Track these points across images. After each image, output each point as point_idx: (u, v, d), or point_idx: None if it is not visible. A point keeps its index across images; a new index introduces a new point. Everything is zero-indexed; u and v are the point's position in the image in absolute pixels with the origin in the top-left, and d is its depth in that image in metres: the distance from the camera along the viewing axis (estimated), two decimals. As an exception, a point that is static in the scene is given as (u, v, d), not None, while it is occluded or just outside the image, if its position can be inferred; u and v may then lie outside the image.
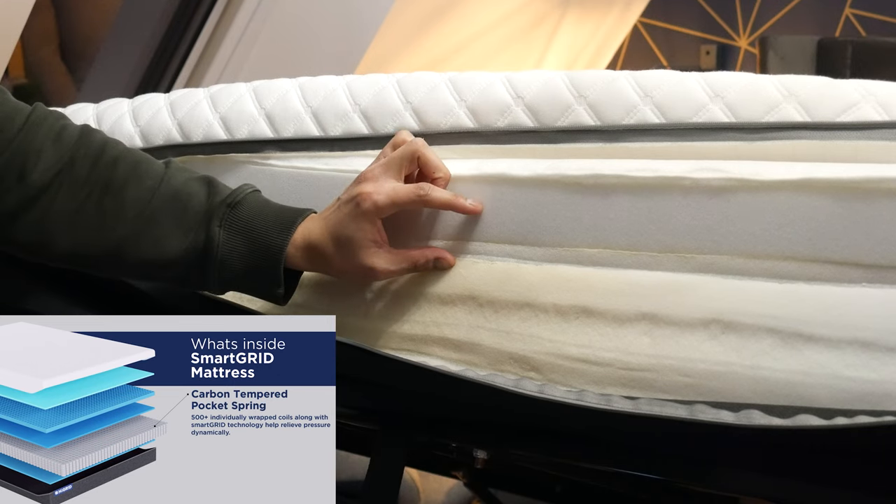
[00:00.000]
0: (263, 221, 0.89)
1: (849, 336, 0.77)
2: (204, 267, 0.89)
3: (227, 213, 0.89)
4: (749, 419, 0.77)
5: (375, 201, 0.87)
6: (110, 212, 0.89)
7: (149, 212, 0.89)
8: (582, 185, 0.88)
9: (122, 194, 0.89)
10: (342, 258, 0.88)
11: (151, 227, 0.89)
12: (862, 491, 0.80)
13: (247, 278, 0.90)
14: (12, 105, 0.91)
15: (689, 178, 0.84)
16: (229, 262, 0.89)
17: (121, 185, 0.89)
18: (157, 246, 0.89)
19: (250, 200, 0.90)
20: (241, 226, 0.89)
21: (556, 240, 0.89)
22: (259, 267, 0.89)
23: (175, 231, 0.89)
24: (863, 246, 0.79)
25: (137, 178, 0.90)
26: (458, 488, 1.66)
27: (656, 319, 0.83)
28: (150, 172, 0.91)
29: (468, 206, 0.90)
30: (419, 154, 0.89)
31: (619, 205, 0.86)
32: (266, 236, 0.88)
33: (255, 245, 0.88)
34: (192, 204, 0.89)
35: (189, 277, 0.91)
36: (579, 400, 0.83)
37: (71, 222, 0.89)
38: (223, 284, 0.92)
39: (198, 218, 0.89)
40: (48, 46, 2.23)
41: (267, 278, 0.89)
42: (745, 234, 0.82)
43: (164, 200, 0.89)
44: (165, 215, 0.89)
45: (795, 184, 0.81)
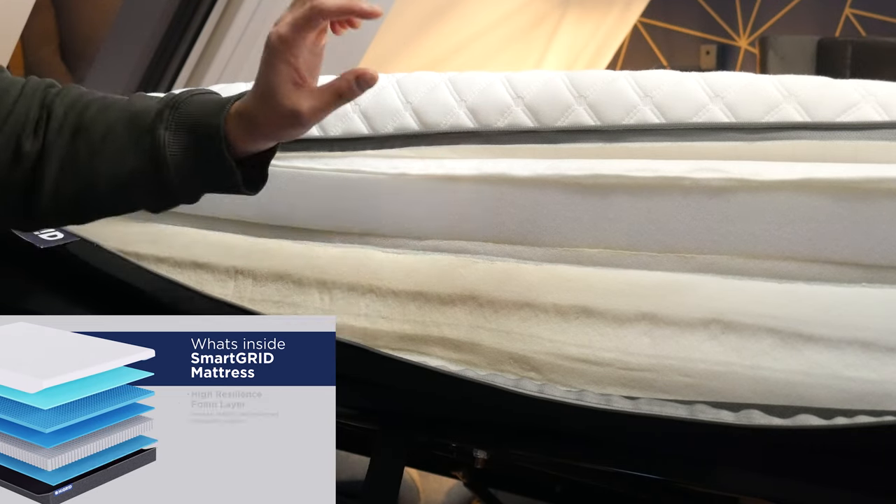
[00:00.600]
0: (201, 110, 0.86)
1: (849, 336, 0.77)
2: (159, 172, 0.87)
3: (170, 114, 0.87)
4: (749, 419, 0.77)
5: (277, 32, 0.81)
6: (83, 152, 0.88)
7: (112, 140, 0.88)
8: (582, 185, 0.88)
9: (91, 132, 0.88)
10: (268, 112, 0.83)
11: (113, 153, 0.87)
12: (862, 491, 0.80)
13: (200, 171, 0.87)
14: (7, 82, 0.91)
15: (688, 178, 0.84)
16: (178, 159, 0.86)
17: (90, 123, 0.89)
18: (120, 165, 0.87)
19: (195, 99, 0.88)
20: (182, 121, 0.86)
21: (556, 240, 0.89)
22: (204, 155, 0.86)
23: (131, 147, 0.87)
24: (863, 246, 0.79)
25: (104, 114, 0.89)
26: (458, 488, 1.66)
27: (656, 319, 0.83)
28: (117, 106, 0.90)
29: (365, 8, 0.80)
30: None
31: (618, 205, 0.86)
32: (204, 122, 0.85)
33: (194, 134, 0.86)
34: (144, 117, 0.87)
35: (155, 190, 0.88)
36: (579, 400, 0.83)
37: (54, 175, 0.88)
38: (185, 188, 0.88)
39: (148, 127, 0.87)
40: (48, 46, 2.23)
41: (217, 165, 0.86)
42: (745, 235, 0.82)
43: (124, 124, 0.88)
44: (124, 136, 0.88)
45: (795, 184, 0.81)
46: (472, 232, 0.92)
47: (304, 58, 0.83)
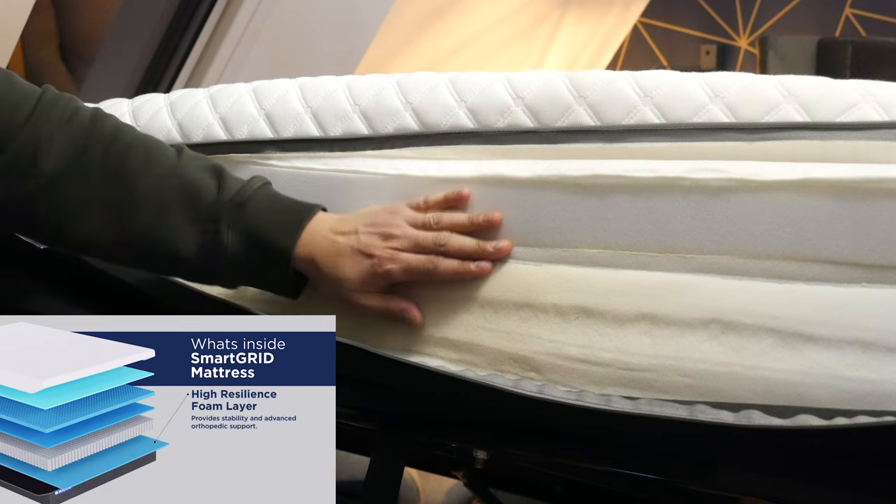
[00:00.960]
0: (270, 222, 0.89)
1: (849, 336, 0.77)
2: (212, 264, 0.90)
3: (235, 212, 0.89)
4: (749, 419, 0.77)
5: (389, 271, 0.89)
6: (123, 202, 0.89)
7: (160, 204, 0.89)
8: (581, 185, 0.88)
9: (134, 184, 0.89)
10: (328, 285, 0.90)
11: (163, 221, 0.89)
12: (862, 491, 0.80)
13: (255, 278, 0.92)
14: (21, 91, 0.90)
15: (688, 178, 0.84)
16: (238, 262, 0.89)
17: (133, 173, 0.89)
18: (170, 241, 0.89)
19: (259, 197, 0.90)
20: (249, 228, 0.89)
21: (555, 240, 0.89)
22: (267, 268, 0.90)
23: (186, 227, 0.89)
24: (863, 246, 0.79)
25: (148, 167, 0.90)
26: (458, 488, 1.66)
27: (656, 320, 0.83)
28: (161, 161, 0.90)
29: (474, 271, 0.89)
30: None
31: (618, 205, 0.86)
32: (271, 237, 0.89)
33: (261, 245, 0.89)
34: (202, 198, 0.89)
35: (199, 273, 0.92)
36: (579, 400, 0.83)
37: (85, 211, 0.89)
38: (232, 282, 0.93)
39: (207, 214, 0.89)
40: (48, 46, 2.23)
41: (276, 279, 0.91)
42: (745, 235, 0.82)
43: (175, 192, 0.89)
44: (176, 209, 0.89)
45: (795, 184, 0.81)
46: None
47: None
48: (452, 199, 0.92)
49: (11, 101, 0.89)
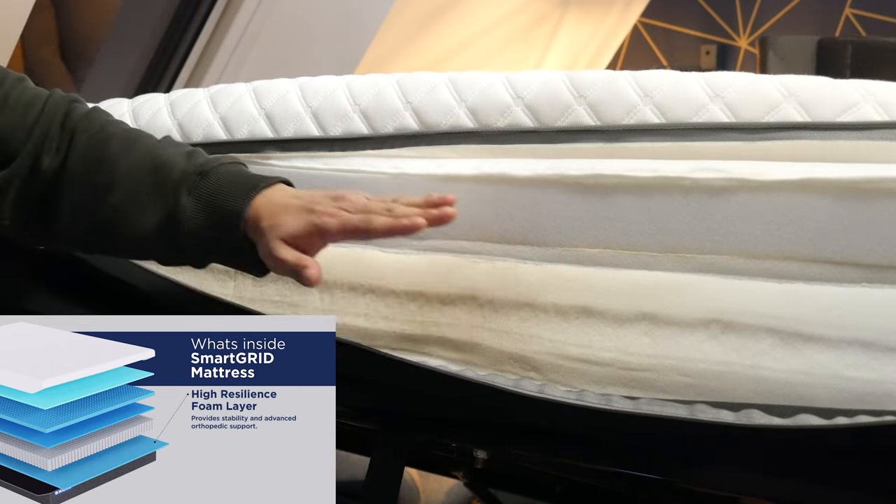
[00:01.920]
0: (228, 188, 0.86)
1: (849, 336, 0.77)
2: (176, 237, 0.87)
3: (196, 181, 0.86)
4: (749, 419, 0.77)
5: (325, 224, 0.83)
6: (102, 187, 0.88)
7: (134, 185, 0.88)
8: (582, 185, 0.88)
9: (113, 169, 0.88)
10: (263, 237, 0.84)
11: (134, 200, 0.87)
12: (862, 491, 0.80)
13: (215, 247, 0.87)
14: (31, 94, 0.91)
15: (689, 178, 0.84)
16: (195, 231, 0.86)
17: (113, 159, 0.89)
18: (138, 219, 0.87)
19: (223, 169, 0.88)
20: (207, 193, 0.86)
21: (556, 240, 0.88)
22: (222, 234, 0.86)
23: (152, 202, 0.87)
24: (863, 246, 0.79)
25: (127, 153, 0.89)
26: (458, 488, 1.66)
27: (656, 319, 0.83)
28: (140, 147, 0.90)
29: (406, 224, 0.83)
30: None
31: (619, 205, 0.86)
32: (226, 203, 0.85)
33: (215, 212, 0.85)
34: (170, 173, 0.87)
35: (167, 250, 0.89)
36: (579, 400, 0.83)
37: (73, 203, 0.89)
38: (198, 256, 0.89)
39: (172, 186, 0.87)
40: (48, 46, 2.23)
41: (233, 246, 0.86)
42: (745, 234, 0.82)
43: (148, 172, 0.88)
44: (146, 187, 0.87)
45: (796, 184, 0.81)
46: (472, 232, 0.92)
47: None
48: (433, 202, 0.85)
49: (23, 103, 0.90)
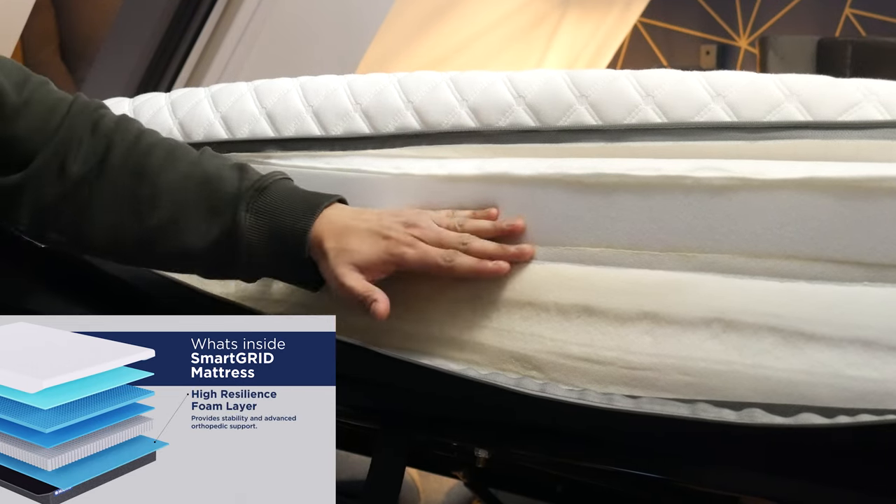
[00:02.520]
0: (288, 205, 0.87)
1: (850, 335, 0.77)
2: (232, 253, 0.88)
3: (255, 197, 0.88)
4: (751, 418, 0.77)
5: (404, 254, 0.86)
6: (145, 199, 0.88)
7: (181, 198, 0.88)
8: (584, 184, 0.88)
9: (156, 181, 0.89)
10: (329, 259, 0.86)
11: (183, 214, 0.88)
12: (864, 490, 0.80)
13: (273, 264, 0.89)
14: (55, 97, 0.91)
15: (690, 177, 0.84)
16: (255, 246, 0.87)
17: (155, 171, 0.89)
18: (190, 233, 0.88)
19: (279, 186, 0.89)
20: (267, 209, 0.87)
21: (557, 238, 0.88)
22: (284, 252, 0.87)
23: (205, 217, 0.88)
24: (864, 245, 0.79)
25: (172, 165, 0.89)
26: (458, 488, 1.66)
27: (658, 318, 0.83)
28: (183, 159, 0.90)
29: (491, 269, 0.87)
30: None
31: (620, 204, 0.86)
32: (289, 219, 0.87)
33: (277, 230, 0.87)
34: (223, 188, 0.88)
35: (219, 264, 0.90)
36: (581, 399, 0.83)
37: (107, 212, 0.89)
38: (252, 271, 0.91)
39: (226, 203, 0.88)
40: (48, 46, 2.23)
41: (293, 263, 0.88)
42: (746, 233, 0.82)
43: (196, 186, 0.88)
44: (196, 201, 0.88)
45: (797, 183, 0.81)
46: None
47: None
48: (480, 215, 0.91)
49: (46, 106, 0.90)
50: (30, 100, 0.90)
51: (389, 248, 0.86)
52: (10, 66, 0.91)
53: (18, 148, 0.89)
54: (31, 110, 0.89)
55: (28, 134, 0.89)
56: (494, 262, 0.87)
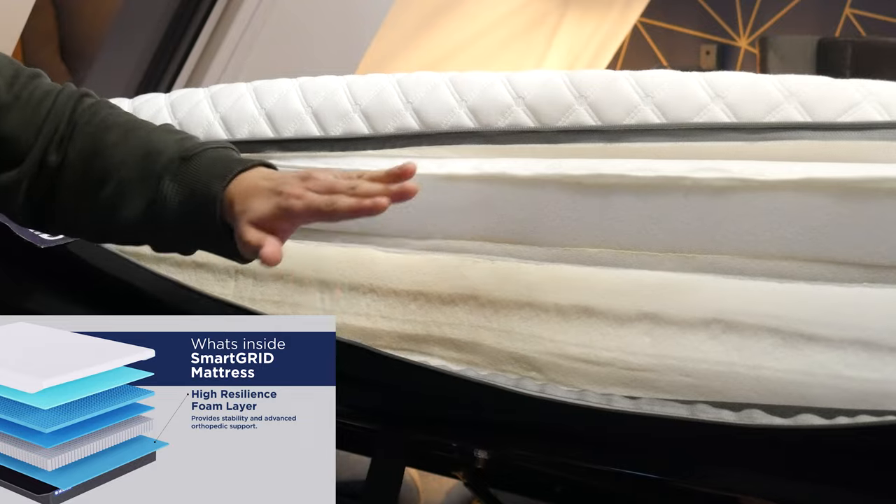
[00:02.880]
0: (207, 172, 0.84)
1: (850, 336, 0.77)
2: (156, 222, 0.86)
3: (180, 166, 0.85)
4: (751, 419, 0.77)
5: (291, 206, 0.80)
6: (97, 177, 0.87)
7: (124, 173, 0.87)
8: (583, 184, 0.88)
9: (109, 158, 0.87)
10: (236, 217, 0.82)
11: (123, 188, 0.86)
12: (863, 490, 0.80)
13: (194, 232, 0.86)
14: (43, 90, 0.91)
15: (690, 177, 0.84)
16: (175, 217, 0.85)
17: (109, 149, 0.88)
18: (127, 205, 0.86)
19: (208, 154, 0.86)
20: (188, 179, 0.85)
21: (557, 239, 0.88)
22: (199, 219, 0.84)
23: (138, 188, 0.86)
24: (864, 246, 0.79)
25: (124, 141, 0.88)
26: (458, 488, 1.66)
27: (657, 319, 0.83)
28: (137, 134, 0.88)
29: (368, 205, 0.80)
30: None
31: (620, 204, 0.86)
32: (203, 187, 0.83)
33: (192, 197, 0.84)
34: (158, 160, 0.86)
35: (153, 235, 0.88)
36: (580, 400, 0.83)
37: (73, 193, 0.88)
38: (181, 241, 0.88)
39: (156, 172, 0.86)
40: (48, 46, 2.23)
41: (210, 231, 0.84)
42: (746, 234, 0.82)
43: (137, 159, 0.87)
44: (134, 174, 0.86)
45: (796, 183, 0.81)
46: (473, 231, 0.92)
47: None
48: (394, 174, 0.82)
49: (35, 101, 0.90)
50: (19, 95, 0.89)
51: (279, 202, 0.81)
52: (1, 62, 0.91)
53: (10, 145, 0.88)
54: (21, 106, 0.89)
55: (18, 131, 0.89)
56: (372, 199, 0.80)
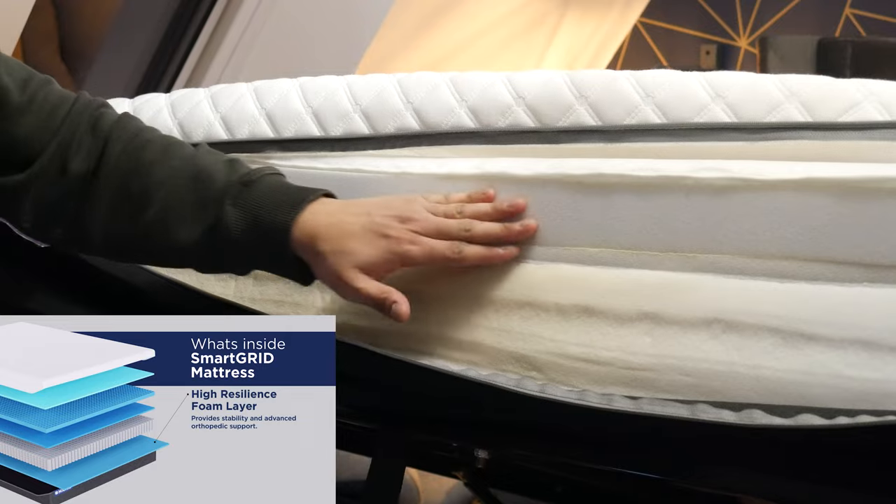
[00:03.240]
0: (271, 199, 0.86)
1: (850, 335, 0.77)
2: (217, 247, 0.87)
3: (240, 192, 0.86)
4: (751, 419, 0.77)
5: (408, 251, 0.84)
6: (137, 195, 0.88)
7: (171, 194, 0.87)
8: (583, 184, 0.88)
9: (148, 177, 0.88)
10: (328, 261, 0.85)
11: (172, 210, 0.87)
12: (863, 491, 0.80)
13: (258, 258, 0.88)
14: (57, 95, 0.91)
15: (690, 177, 0.84)
16: (239, 241, 0.86)
17: (148, 167, 0.88)
18: (177, 228, 0.87)
19: (267, 181, 0.88)
20: (251, 204, 0.86)
21: (557, 239, 0.88)
22: (266, 247, 0.86)
23: (192, 211, 0.87)
24: (864, 245, 0.79)
25: (164, 161, 0.89)
26: (458, 488, 1.66)
27: (658, 319, 0.83)
28: (177, 155, 0.89)
29: (502, 255, 0.87)
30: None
31: (620, 204, 0.86)
32: (271, 214, 0.85)
33: (259, 224, 0.85)
34: (211, 183, 0.87)
35: (208, 258, 0.89)
36: (580, 399, 0.83)
37: (105, 209, 0.88)
38: (239, 265, 0.90)
39: (213, 197, 0.87)
40: (48, 46, 2.23)
41: (277, 258, 0.87)
42: (746, 234, 0.82)
43: (186, 181, 0.87)
44: (185, 196, 0.87)
45: (797, 183, 0.81)
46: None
47: None
48: (477, 198, 0.89)
49: (49, 105, 0.90)
50: (33, 98, 0.90)
51: (391, 247, 0.84)
52: (13, 65, 0.91)
53: (22, 147, 0.89)
54: (35, 109, 0.89)
55: (31, 133, 0.89)
56: (504, 247, 0.87)
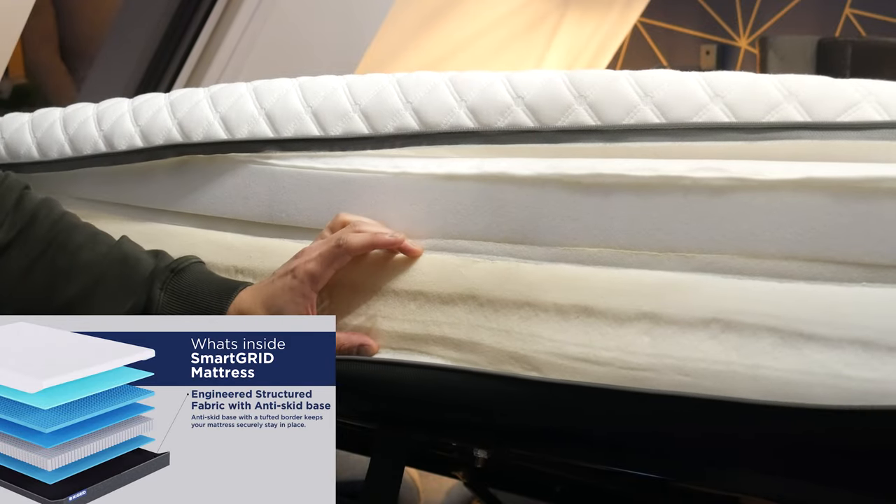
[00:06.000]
0: (204, 288, 0.91)
1: (849, 335, 0.77)
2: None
3: (170, 278, 0.92)
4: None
5: (306, 268, 0.89)
6: (62, 271, 0.92)
7: (98, 274, 0.92)
8: (582, 184, 0.88)
9: (75, 256, 0.92)
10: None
11: (98, 289, 0.91)
12: (862, 490, 0.80)
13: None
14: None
15: (689, 177, 0.84)
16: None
17: (75, 247, 0.93)
18: (101, 307, 0.91)
19: (194, 269, 0.93)
20: (182, 290, 0.91)
21: (556, 239, 0.89)
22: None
23: (119, 293, 0.91)
24: (863, 245, 0.79)
25: (92, 244, 0.94)
26: (458, 488, 1.66)
27: (657, 319, 0.83)
28: (104, 241, 0.95)
29: (388, 240, 0.91)
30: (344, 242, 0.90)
31: (619, 204, 0.86)
32: (205, 301, 0.90)
33: (193, 310, 0.90)
34: (139, 268, 0.92)
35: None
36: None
37: (22, 279, 0.92)
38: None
39: (142, 280, 0.91)
40: (48, 46, 2.23)
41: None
42: (745, 234, 0.82)
43: (113, 263, 0.92)
44: (113, 277, 0.92)
45: (796, 183, 0.81)
46: (472, 231, 0.92)
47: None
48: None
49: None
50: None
51: (292, 278, 0.89)
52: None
53: None
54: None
55: None
56: (389, 234, 0.91)
